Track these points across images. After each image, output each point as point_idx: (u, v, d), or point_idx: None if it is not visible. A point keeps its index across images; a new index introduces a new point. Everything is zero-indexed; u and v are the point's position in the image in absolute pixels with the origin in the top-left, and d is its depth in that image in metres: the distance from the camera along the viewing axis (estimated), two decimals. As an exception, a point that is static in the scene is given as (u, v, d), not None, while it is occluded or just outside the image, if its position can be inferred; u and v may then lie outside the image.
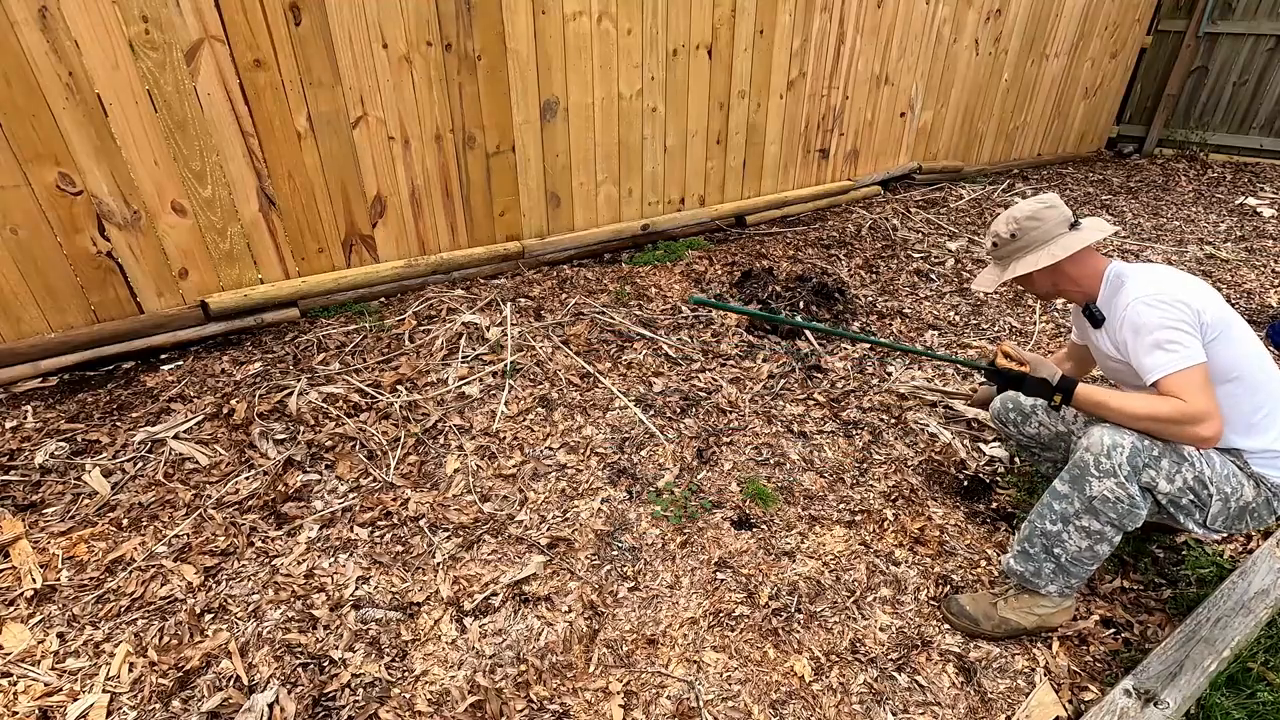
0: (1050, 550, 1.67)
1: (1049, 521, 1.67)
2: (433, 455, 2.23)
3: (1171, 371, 1.50)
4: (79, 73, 2.18)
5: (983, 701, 1.62)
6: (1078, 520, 1.62)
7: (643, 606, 1.79)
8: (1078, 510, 1.62)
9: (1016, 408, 2.06)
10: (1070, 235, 1.70)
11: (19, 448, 2.11)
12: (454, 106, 2.95)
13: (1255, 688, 1.61)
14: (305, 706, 1.50)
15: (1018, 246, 1.73)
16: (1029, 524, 1.72)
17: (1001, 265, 1.77)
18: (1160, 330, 1.52)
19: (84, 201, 2.32)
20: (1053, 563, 1.68)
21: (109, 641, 1.61)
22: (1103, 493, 1.57)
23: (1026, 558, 1.72)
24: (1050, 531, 1.67)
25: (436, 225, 3.14)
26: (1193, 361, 1.49)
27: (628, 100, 3.43)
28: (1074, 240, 1.68)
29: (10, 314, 2.32)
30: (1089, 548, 1.63)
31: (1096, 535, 1.61)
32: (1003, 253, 1.76)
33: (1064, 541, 1.65)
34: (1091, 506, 1.59)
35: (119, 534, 1.88)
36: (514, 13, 2.92)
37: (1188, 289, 1.59)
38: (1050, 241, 1.70)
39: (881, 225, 4.40)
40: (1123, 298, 1.62)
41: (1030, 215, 1.71)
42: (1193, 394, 1.47)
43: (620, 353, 2.83)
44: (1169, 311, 1.53)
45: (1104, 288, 1.71)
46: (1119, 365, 1.71)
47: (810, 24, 3.96)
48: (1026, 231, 1.71)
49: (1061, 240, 1.69)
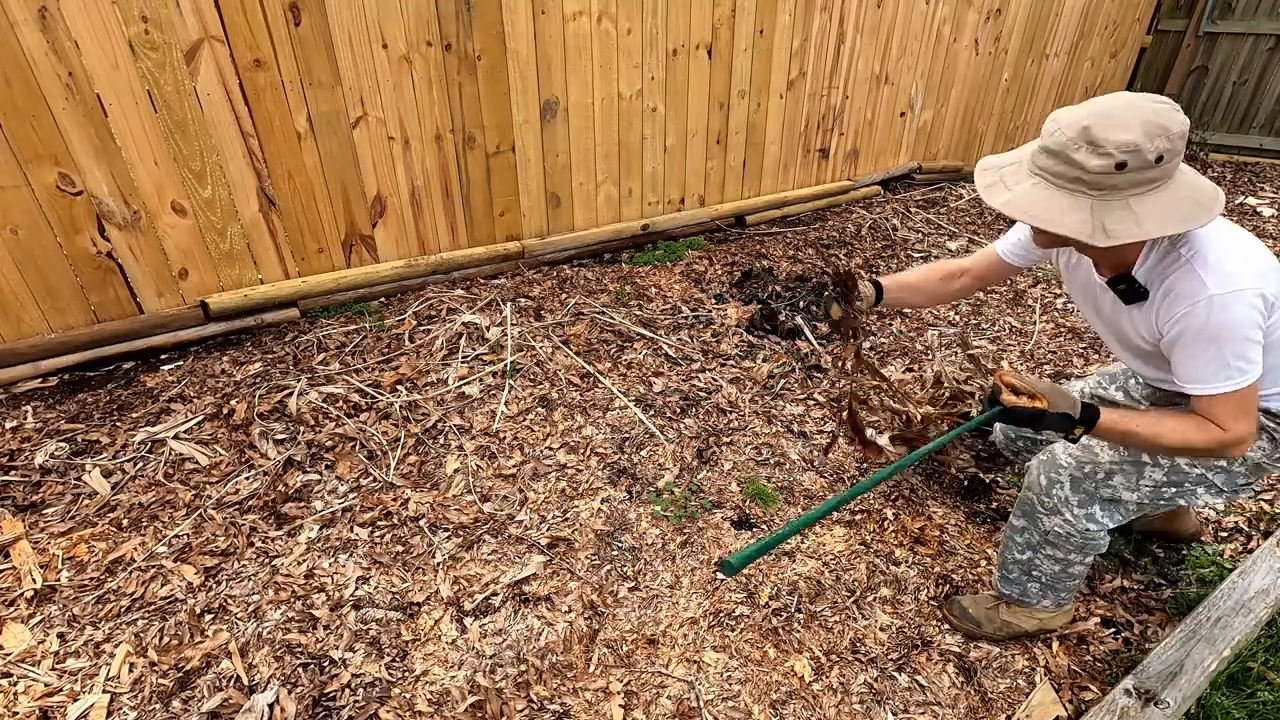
0: (1029, 574, 1.67)
1: (1017, 551, 1.66)
2: (433, 455, 2.23)
3: (1223, 392, 1.26)
4: (79, 73, 2.18)
5: (983, 701, 1.62)
6: (1042, 550, 1.61)
7: (643, 606, 1.79)
8: (1038, 542, 1.61)
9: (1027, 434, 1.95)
10: (1204, 188, 1.20)
11: (19, 448, 2.11)
12: (454, 106, 2.94)
13: (1255, 687, 1.61)
14: (305, 707, 1.50)
15: (1147, 179, 1.14)
16: (1001, 551, 1.72)
17: (1102, 197, 1.16)
18: (1233, 342, 1.22)
19: (84, 202, 2.32)
20: (1036, 584, 1.67)
21: (109, 642, 1.61)
22: (1054, 528, 1.56)
23: (1009, 582, 1.71)
24: (1021, 560, 1.66)
25: (436, 225, 3.14)
26: (1250, 381, 1.25)
27: (628, 100, 3.43)
28: (1212, 199, 1.18)
29: (10, 314, 2.32)
30: (1063, 570, 1.63)
31: (1064, 561, 1.61)
32: (1122, 180, 1.14)
33: (1038, 566, 1.64)
34: (1048, 540, 1.59)
35: (119, 534, 1.88)
36: (514, 13, 2.92)
37: (1262, 270, 1.26)
38: (1192, 192, 1.18)
39: (881, 225, 4.39)
40: (1187, 282, 1.24)
41: (1182, 132, 1.13)
42: (1236, 419, 1.28)
43: (620, 353, 2.83)
44: (1247, 317, 1.22)
45: (1149, 254, 1.31)
46: (1143, 348, 1.42)
47: (810, 24, 3.96)
48: (1172, 157, 1.15)
49: (1202, 198, 1.18)
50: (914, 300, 1.84)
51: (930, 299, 1.84)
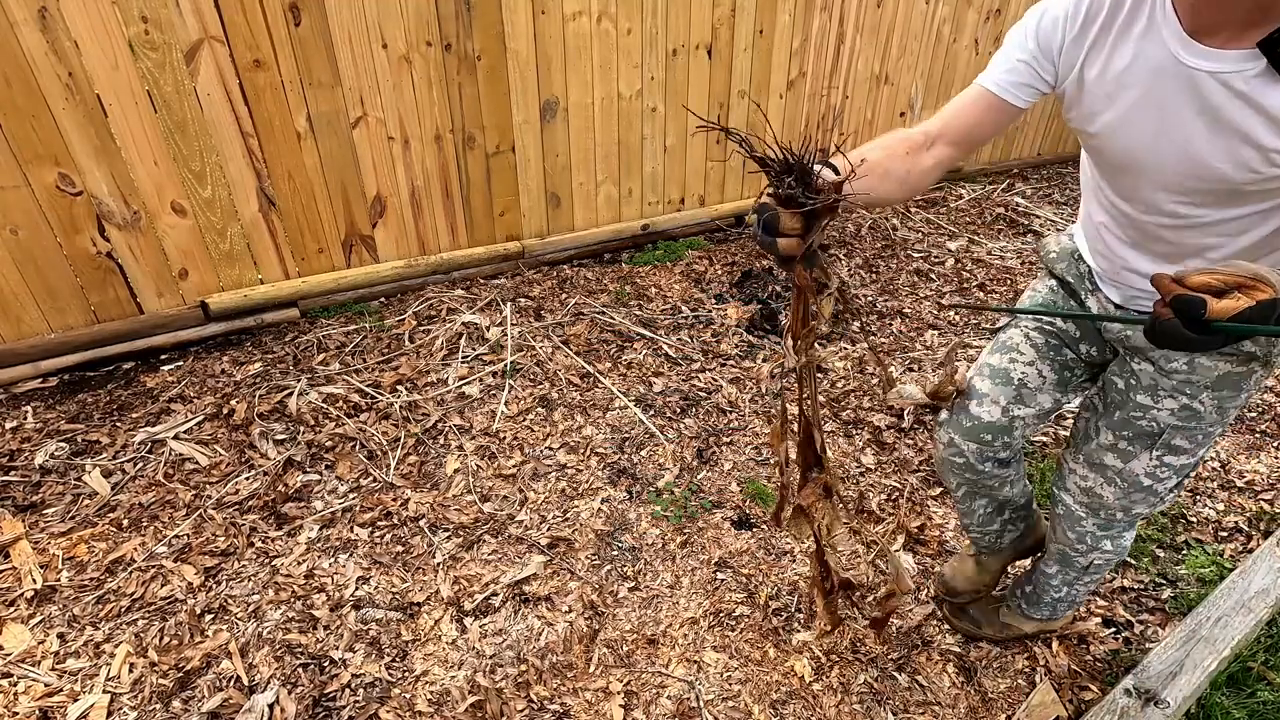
0: (1064, 600, 1.62)
1: (1054, 591, 1.60)
2: (433, 455, 2.23)
3: None
4: (79, 73, 2.18)
5: (983, 701, 1.62)
6: (1081, 580, 1.56)
7: (643, 606, 1.79)
8: (1075, 577, 1.55)
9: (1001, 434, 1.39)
10: None
11: (19, 448, 2.11)
12: (454, 107, 2.94)
13: (1256, 687, 1.61)
14: (305, 707, 1.50)
15: None
16: (1033, 588, 1.64)
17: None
18: None
19: (84, 202, 2.32)
20: (1068, 603, 1.64)
21: (109, 642, 1.61)
22: (1094, 561, 1.50)
23: (1041, 607, 1.66)
24: (1059, 596, 1.61)
25: (436, 225, 3.14)
26: None
27: (627, 100, 3.43)
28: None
29: (10, 314, 2.32)
30: (1097, 585, 1.61)
31: (1100, 579, 1.58)
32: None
33: (1076, 593, 1.59)
34: (1088, 570, 1.53)
35: (119, 534, 1.88)
36: (514, 13, 2.92)
37: None
38: None
39: (881, 225, 4.39)
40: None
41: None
42: None
43: (620, 353, 2.83)
44: None
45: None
46: (1256, 176, 0.94)
47: (810, 24, 3.96)
48: None
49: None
50: (885, 189, 1.14)
51: (903, 186, 1.17)
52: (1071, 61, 1.06)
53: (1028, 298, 1.45)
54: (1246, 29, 0.88)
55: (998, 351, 1.42)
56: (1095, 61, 1.04)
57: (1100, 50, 1.03)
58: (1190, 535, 2.10)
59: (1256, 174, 0.93)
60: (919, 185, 1.18)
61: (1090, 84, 1.05)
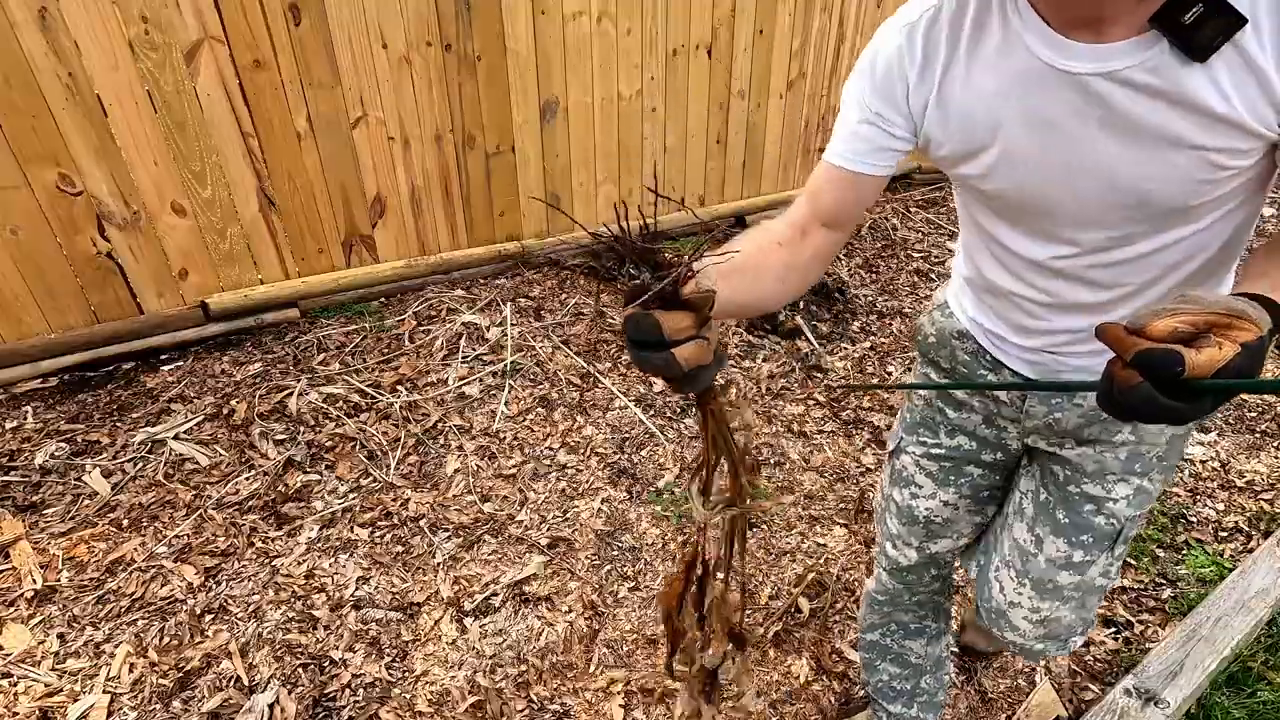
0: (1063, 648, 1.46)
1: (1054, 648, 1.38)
2: (433, 455, 2.23)
3: None
4: (79, 73, 2.18)
5: (983, 701, 1.62)
6: (1078, 628, 1.25)
7: (643, 606, 1.79)
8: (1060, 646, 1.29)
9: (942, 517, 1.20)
10: None
11: (19, 448, 2.11)
12: (454, 107, 2.95)
13: (1255, 687, 1.61)
14: (305, 707, 1.50)
15: None
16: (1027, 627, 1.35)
17: None
18: None
19: (84, 202, 2.32)
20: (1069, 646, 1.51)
21: (109, 642, 1.61)
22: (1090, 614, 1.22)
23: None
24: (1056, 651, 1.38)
25: (436, 225, 3.14)
26: None
27: (627, 100, 3.43)
28: None
29: (10, 314, 2.32)
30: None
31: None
32: None
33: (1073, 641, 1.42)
34: (1084, 621, 1.22)
35: (119, 534, 1.88)
36: (514, 13, 2.92)
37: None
38: None
39: (881, 225, 4.39)
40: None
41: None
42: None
43: (620, 353, 2.83)
44: None
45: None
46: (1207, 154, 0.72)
47: (810, 24, 3.96)
48: None
49: None
50: (760, 290, 0.94)
51: (782, 285, 0.96)
52: (923, 103, 0.86)
53: (906, 412, 1.21)
54: (1129, 10, 0.68)
55: (898, 485, 1.22)
56: (953, 94, 0.83)
57: (954, 80, 0.83)
58: (1190, 535, 2.10)
59: (1206, 181, 0.74)
60: (801, 283, 0.99)
61: (956, 120, 0.84)
